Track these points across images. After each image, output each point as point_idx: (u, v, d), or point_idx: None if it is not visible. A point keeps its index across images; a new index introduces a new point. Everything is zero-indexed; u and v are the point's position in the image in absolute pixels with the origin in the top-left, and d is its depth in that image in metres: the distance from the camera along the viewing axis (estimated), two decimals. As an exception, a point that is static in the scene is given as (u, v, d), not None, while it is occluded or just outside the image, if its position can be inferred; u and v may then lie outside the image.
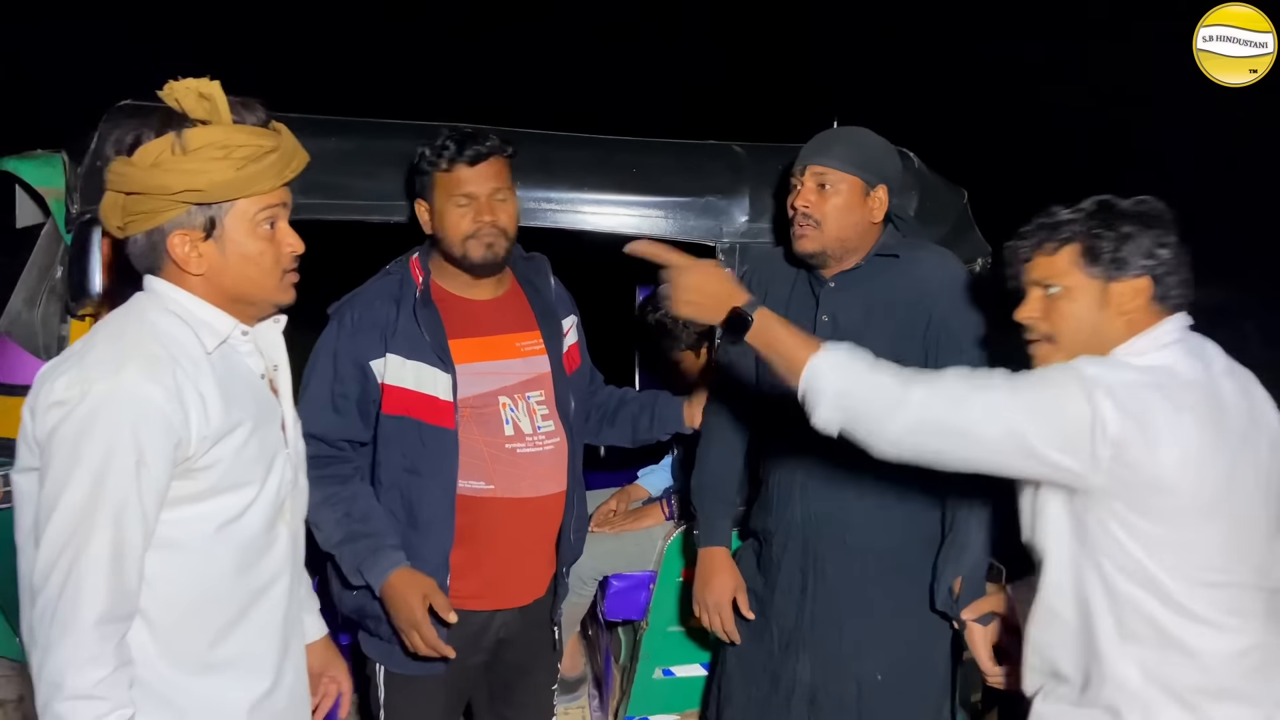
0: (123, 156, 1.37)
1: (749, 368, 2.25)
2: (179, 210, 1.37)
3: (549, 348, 2.14)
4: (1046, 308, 1.57)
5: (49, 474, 1.30)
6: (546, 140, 2.44)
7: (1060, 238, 1.55)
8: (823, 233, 2.02)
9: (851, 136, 2.09)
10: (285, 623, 1.55)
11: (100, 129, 2.17)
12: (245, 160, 1.38)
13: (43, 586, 1.29)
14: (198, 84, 1.36)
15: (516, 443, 2.07)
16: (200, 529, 1.40)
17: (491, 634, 2.12)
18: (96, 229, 2.09)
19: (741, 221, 2.40)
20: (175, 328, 1.41)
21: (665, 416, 2.35)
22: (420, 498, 2.00)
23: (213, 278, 1.42)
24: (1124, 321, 1.53)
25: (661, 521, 2.60)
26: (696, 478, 2.26)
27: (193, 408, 1.35)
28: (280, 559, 1.53)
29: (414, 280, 2.04)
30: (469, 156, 1.98)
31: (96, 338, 1.39)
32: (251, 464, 1.45)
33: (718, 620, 2.18)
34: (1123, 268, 1.51)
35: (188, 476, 1.37)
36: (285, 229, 1.47)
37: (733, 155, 2.47)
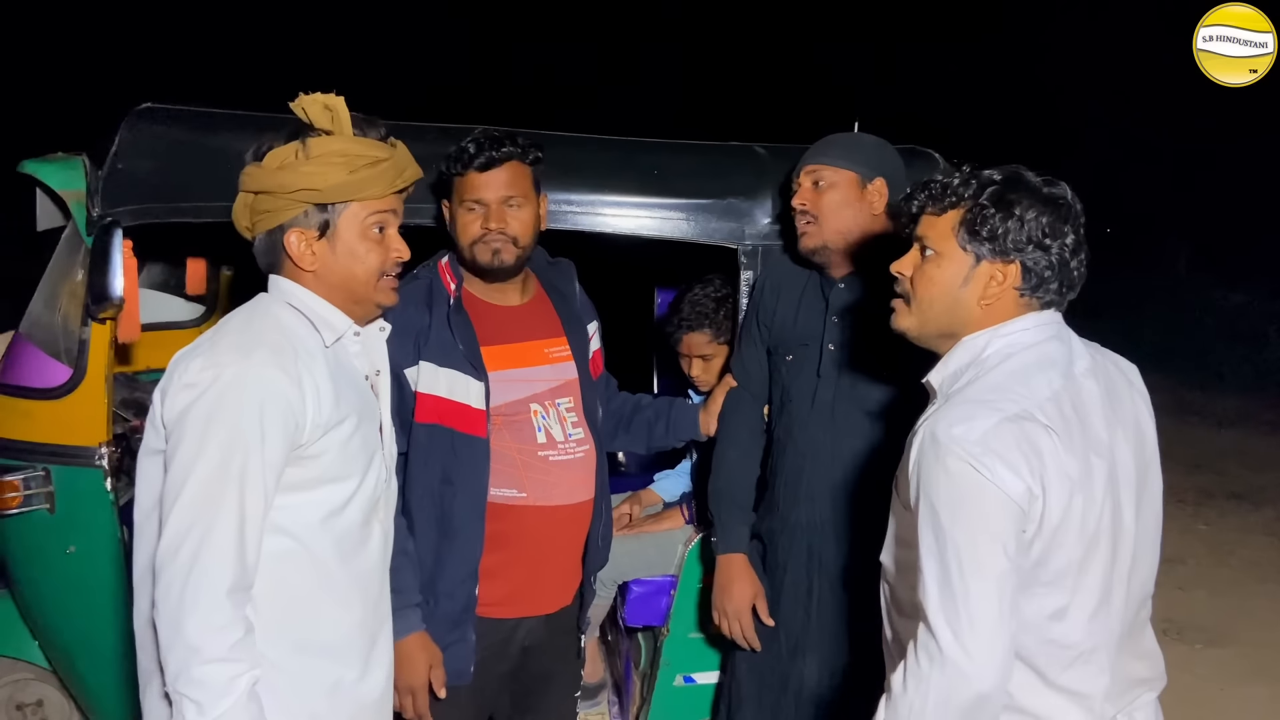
0: (255, 162, 1.53)
1: (763, 372, 2.24)
2: (297, 210, 1.52)
3: (575, 354, 2.14)
4: (918, 268, 1.51)
5: (179, 451, 1.39)
6: (567, 142, 2.43)
7: (948, 201, 1.47)
8: (821, 228, 2.06)
9: (845, 137, 2.14)
10: (376, 616, 1.65)
11: (121, 132, 2.18)
12: (360, 167, 1.51)
13: (171, 559, 1.37)
14: (324, 98, 1.52)
15: (549, 450, 2.06)
16: (306, 516, 1.50)
17: (517, 642, 2.11)
18: (118, 232, 2.09)
19: (764, 224, 2.37)
20: (296, 322, 1.53)
21: (680, 423, 2.34)
22: (451, 507, 1.98)
23: (323, 275, 1.55)
24: (980, 305, 1.45)
25: (681, 525, 2.57)
26: (713, 483, 2.26)
27: (310, 395, 1.46)
28: (375, 555, 1.63)
29: (444, 285, 2.03)
30: (480, 163, 1.98)
31: (227, 327, 1.51)
32: (354, 458, 1.55)
33: (738, 627, 2.17)
34: (996, 248, 1.43)
35: (299, 463, 1.47)
36: (394, 235, 1.61)
37: (755, 156, 2.45)
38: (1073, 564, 1.38)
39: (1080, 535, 1.37)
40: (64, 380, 2.21)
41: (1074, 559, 1.38)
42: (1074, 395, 1.41)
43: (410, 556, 1.96)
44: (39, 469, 2.21)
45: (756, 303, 2.27)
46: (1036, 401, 1.37)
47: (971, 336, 1.47)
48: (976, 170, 1.48)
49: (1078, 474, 1.36)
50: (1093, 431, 1.41)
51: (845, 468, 2.07)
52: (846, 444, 2.07)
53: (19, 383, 2.29)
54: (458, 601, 2.00)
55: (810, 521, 2.11)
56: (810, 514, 2.11)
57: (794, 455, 2.13)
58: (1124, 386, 1.52)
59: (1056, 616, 1.39)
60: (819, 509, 2.10)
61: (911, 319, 1.52)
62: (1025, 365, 1.42)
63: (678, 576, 2.48)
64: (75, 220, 2.20)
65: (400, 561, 1.93)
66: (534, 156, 2.03)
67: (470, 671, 2.02)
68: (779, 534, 2.17)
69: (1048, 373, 1.41)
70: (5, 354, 2.40)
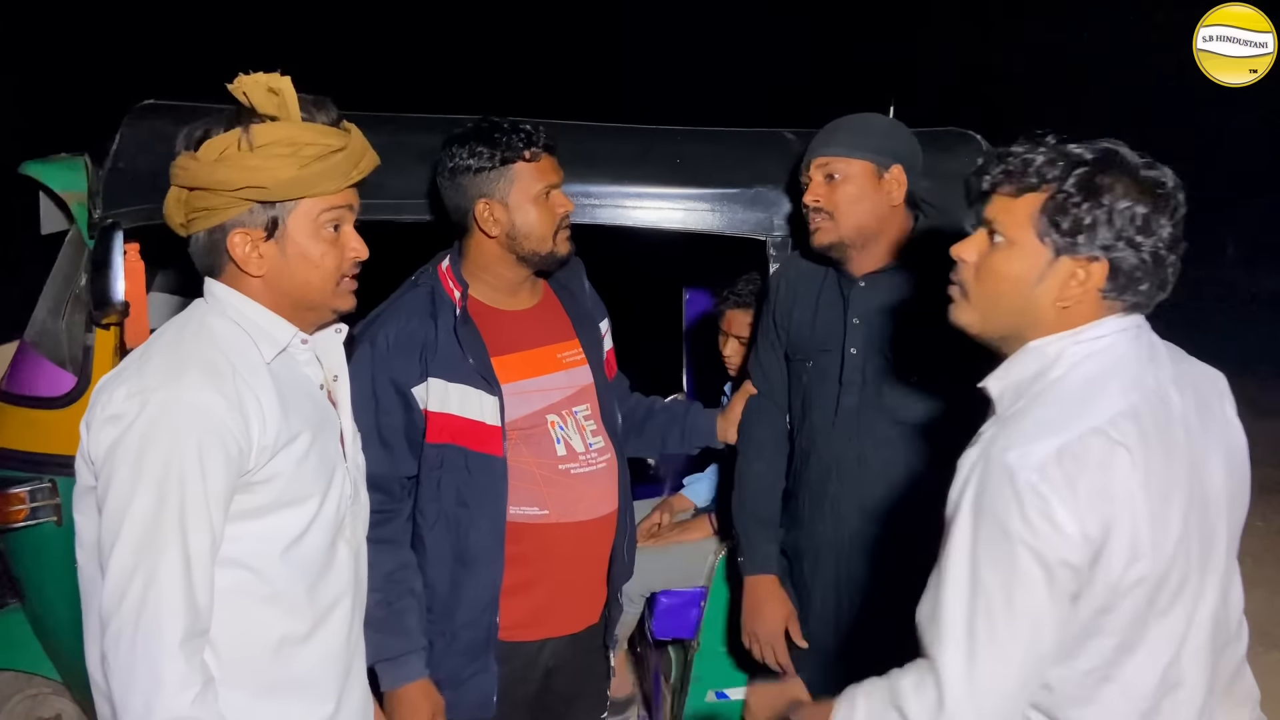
0: (189, 151, 1.34)
1: (784, 378, 2.11)
2: (241, 208, 1.34)
3: (589, 357, 2.01)
4: (983, 257, 1.29)
5: (111, 492, 1.25)
6: (585, 131, 2.31)
7: (1028, 181, 1.24)
8: (837, 224, 1.90)
9: (855, 121, 1.95)
10: (349, 645, 1.50)
11: (122, 130, 2.11)
12: (311, 159, 1.34)
13: (116, 609, 1.24)
14: (268, 78, 1.33)
15: (570, 463, 1.94)
16: (262, 545, 1.35)
17: (541, 665, 1.99)
18: (118, 234, 2.02)
19: (794, 213, 2.24)
20: (233, 334, 1.37)
21: (696, 430, 2.21)
22: (468, 531, 1.86)
23: (272, 280, 1.39)
24: (1056, 307, 1.24)
25: (710, 535, 2.46)
26: (737, 498, 2.11)
27: (253, 416, 1.31)
28: (343, 578, 1.48)
29: (447, 293, 1.88)
30: (547, 143, 1.85)
31: (154, 347, 1.35)
32: (313, 476, 1.40)
33: (770, 652, 2.04)
34: (1081, 243, 1.21)
35: (249, 490, 1.32)
36: (350, 233, 1.44)
37: (783, 143, 2.31)
38: (1144, 606, 1.20)
39: (1155, 571, 1.19)
40: (69, 389, 2.15)
41: (1146, 600, 1.19)
42: (1156, 409, 1.22)
43: (419, 597, 1.84)
44: (45, 480, 2.15)
45: (773, 304, 2.11)
46: (1109, 416, 1.18)
47: (1041, 342, 1.26)
48: (1064, 145, 1.25)
49: (1157, 500, 1.18)
50: (1177, 451, 1.22)
51: (873, 481, 1.93)
52: (873, 455, 1.93)
53: (24, 392, 2.23)
54: (479, 631, 1.88)
55: (838, 539, 1.97)
56: (837, 530, 1.96)
57: (818, 468, 1.99)
58: (1214, 398, 1.32)
59: (1123, 665, 1.21)
60: (846, 525, 1.95)
61: (972, 314, 1.31)
62: (1101, 374, 1.22)
63: (708, 588, 2.37)
64: (77, 223, 2.14)
65: (407, 603, 1.83)
66: None
67: (494, 703, 1.90)
68: (805, 551, 2.03)
69: (1125, 384, 1.22)
70: (11, 363, 2.34)
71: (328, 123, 1.37)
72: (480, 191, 1.86)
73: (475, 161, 1.84)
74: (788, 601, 2.05)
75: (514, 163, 1.84)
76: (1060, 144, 1.26)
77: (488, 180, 1.85)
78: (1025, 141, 1.27)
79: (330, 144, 1.36)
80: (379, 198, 2.12)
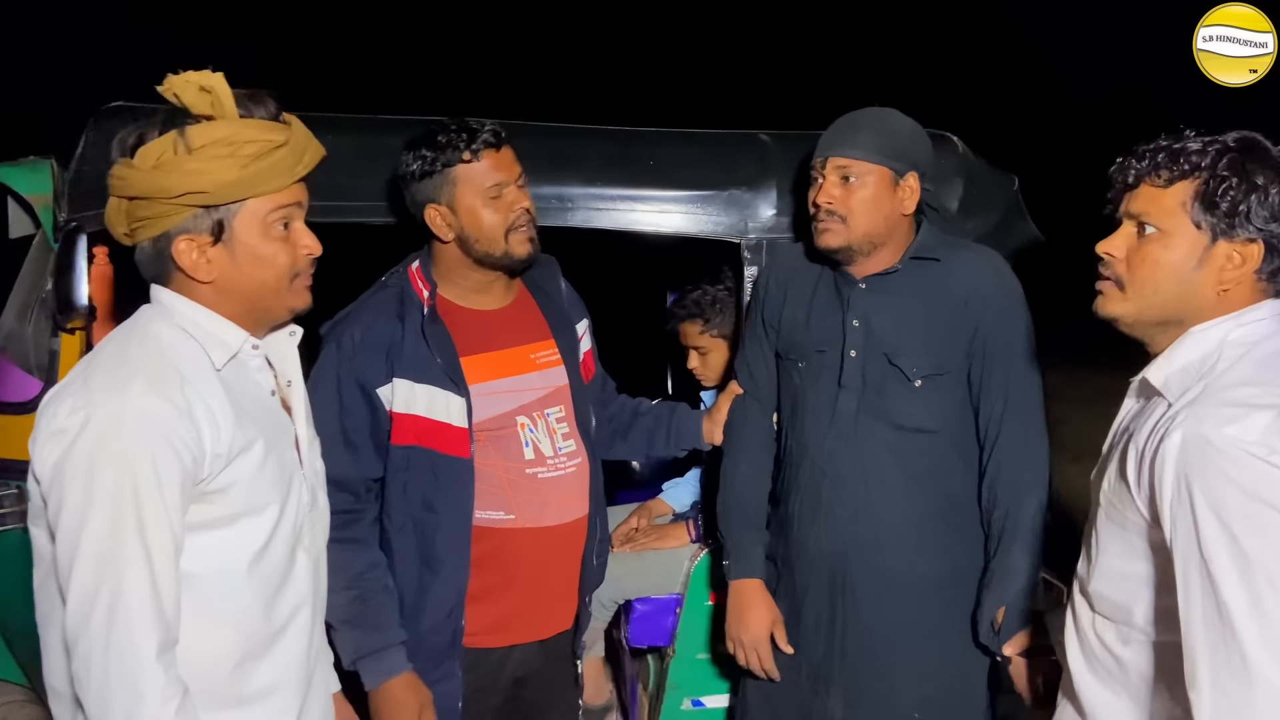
0: (125, 159, 1.29)
1: (772, 378, 2.07)
2: (184, 214, 1.30)
3: (565, 358, 1.98)
4: (1133, 249, 1.32)
5: (64, 511, 1.21)
6: (557, 133, 2.28)
7: (1179, 170, 1.27)
8: (849, 228, 1.84)
9: (876, 121, 1.89)
10: (309, 656, 1.46)
11: (87, 132, 2.08)
12: (252, 157, 1.29)
13: (82, 630, 1.21)
14: (199, 77, 1.28)
15: (537, 467, 1.90)
16: (221, 557, 1.32)
17: (508, 673, 1.96)
18: (82, 238, 2.01)
19: (769, 215, 2.21)
20: (181, 341, 1.32)
21: (683, 431, 2.17)
22: (434, 535, 1.83)
23: (224, 285, 1.34)
24: (1216, 291, 1.27)
25: (687, 541, 2.42)
26: (722, 501, 2.07)
27: (204, 424, 1.27)
28: (302, 588, 1.44)
29: (416, 293, 1.86)
30: (492, 139, 1.80)
31: (98, 358, 1.30)
32: (271, 485, 1.36)
33: (755, 657, 1.99)
34: (1237, 225, 1.24)
35: (204, 500, 1.29)
36: (301, 229, 1.39)
37: (758, 144, 2.28)
38: None
39: None
40: (36, 394, 2.12)
41: None
42: None
43: (391, 593, 1.81)
44: (12, 487, 2.12)
45: (761, 300, 2.07)
46: None
47: (1203, 327, 1.28)
48: (1207, 134, 1.29)
49: None
50: None
51: (870, 487, 1.89)
52: (871, 460, 1.89)
53: (-9, 397, 2.21)
54: (444, 636, 1.86)
55: (832, 545, 1.92)
56: (832, 538, 1.92)
57: (810, 472, 1.94)
58: None
59: None
60: (842, 533, 1.91)
61: (1127, 305, 1.33)
62: (1272, 355, 1.24)
63: (683, 595, 2.34)
64: (43, 227, 2.11)
65: (383, 599, 1.80)
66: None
67: (458, 709, 1.87)
68: (795, 559, 1.98)
69: None
70: (-22, 368, 2.32)
71: (266, 117, 1.33)
72: (427, 197, 1.83)
73: (419, 166, 1.81)
74: (774, 606, 2.01)
75: (454, 165, 1.80)
76: (1204, 134, 1.29)
77: (433, 185, 1.82)
78: (1167, 136, 1.31)
79: (271, 140, 1.31)
80: (350, 200, 2.11)
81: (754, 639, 1.99)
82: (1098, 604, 1.35)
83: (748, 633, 2.00)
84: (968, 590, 1.88)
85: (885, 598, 1.90)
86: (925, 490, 1.88)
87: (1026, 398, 1.86)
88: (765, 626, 1.99)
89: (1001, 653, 1.79)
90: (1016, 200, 2.33)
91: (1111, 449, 1.34)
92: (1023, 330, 1.86)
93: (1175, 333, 1.31)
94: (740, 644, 2.01)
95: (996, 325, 1.84)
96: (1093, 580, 1.35)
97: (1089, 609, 1.37)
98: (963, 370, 1.87)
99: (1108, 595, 1.33)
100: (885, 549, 1.89)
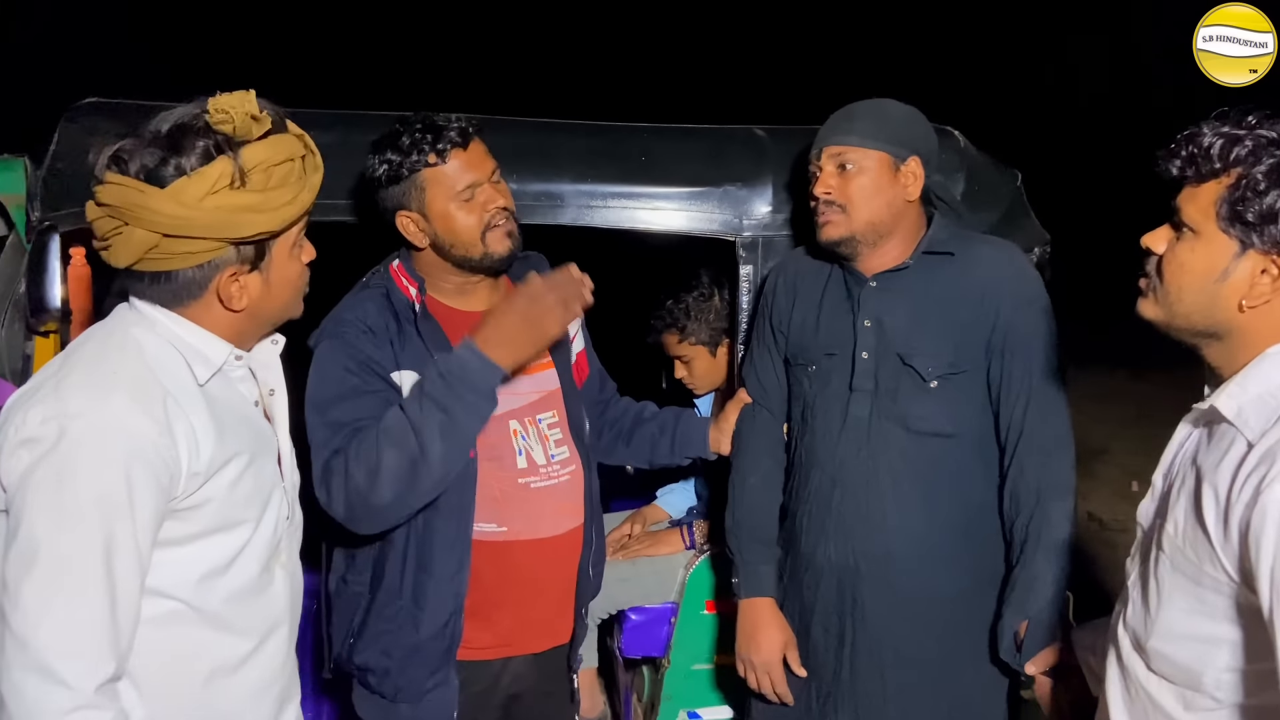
0: (153, 188, 1.18)
1: (781, 385, 1.99)
2: (228, 248, 1.23)
3: (556, 360, 1.90)
4: (1171, 247, 1.20)
5: (25, 519, 1.13)
6: (546, 129, 2.22)
7: (1208, 167, 1.14)
8: (850, 218, 1.77)
9: (871, 108, 1.83)
10: (285, 673, 1.41)
11: (60, 129, 2.03)
12: (295, 179, 1.25)
13: (20, 652, 1.12)
14: (247, 104, 1.20)
15: (530, 476, 1.82)
16: (190, 573, 1.25)
17: (503, 688, 1.88)
18: (55, 237, 1.94)
19: (764, 212, 2.15)
20: (165, 352, 1.25)
21: (688, 440, 2.09)
22: (433, 537, 1.75)
23: (252, 311, 1.29)
24: (1243, 307, 1.14)
25: (682, 548, 2.36)
26: (731, 516, 1.98)
27: (183, 441, 1.20)
28: (278, 606, 1.38)
29: (402, 292, 1.78)
30: (458, 138, 1.71)
31: (74, 360, 1.22)
32: (246, 502, 1.30)
33: (768, 681, 1.91)
34: (1269, 234, 1.11)
35: (177, 517, 1.22)
36: (306, 241, 1.35)
37: (753, 139, 2.22)
38: None
39: None
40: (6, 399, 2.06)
41: None
42: None
43: None
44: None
45: (768, 304, 1.99)
46: None
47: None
48: (1251, 124, 1.15)
49: None
50: None
51: (884, 496, 1.80)
52: (885, 468, 1.80)
53: (-37, 402, 2.14)
54: (441, 642, 1.77)
55: (842, 559, 1.83)
56: (842, 550, 1.83)
57: (821, 482, 1.85)
58: None
59: None
60: (853, 544, 1.82)
61: (1157, 310, 1.22)
62: None
63: (678, 604, 2.28)
64: (16, 227, 2.05)
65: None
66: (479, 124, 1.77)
67: (454, 717, 1.80)
68: (803, 573, 1.90)
69: None
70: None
71: (281, 130, 1.27)
72: (396, 203, 1.75)
73: (385, 171, 1.73)
74: (786, 627, 1.92)
75: (420, 170, 1.72)
76: (1246, 123, 1.15)
77: (401, 192, 1.74)
78: (1213, 121, 1.17)
79: (297, 152, 1.27)
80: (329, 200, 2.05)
81: (765, 661, 1.91)
82: (1156, 663, 1.22)
83: (759, 655, 1.91)
84: (987, 606, 1.80)
85: (898, 614, 1.81)
86: (943, 499, 1.80)
87: (1049, 397, 1.76)
88: (777, 648, 1.90)
89: (1024, 671, 1.71)
90: (1019, 196, 2.26)
91: (1172, 486, 1.21)
92: (1044, 325, 1.78)
93: (1223, 347, 1.19)
94: (751, 666, 1.93)
95: (1016, 319, 1.76)
96: (1152, 637, 1.22)
97: (1143, 665, 1.25)
98: (981, 368, 1.78)
99: (1170, 656, 1.20)
100: (899, 563, 1.80)
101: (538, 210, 2.09)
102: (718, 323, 2.38)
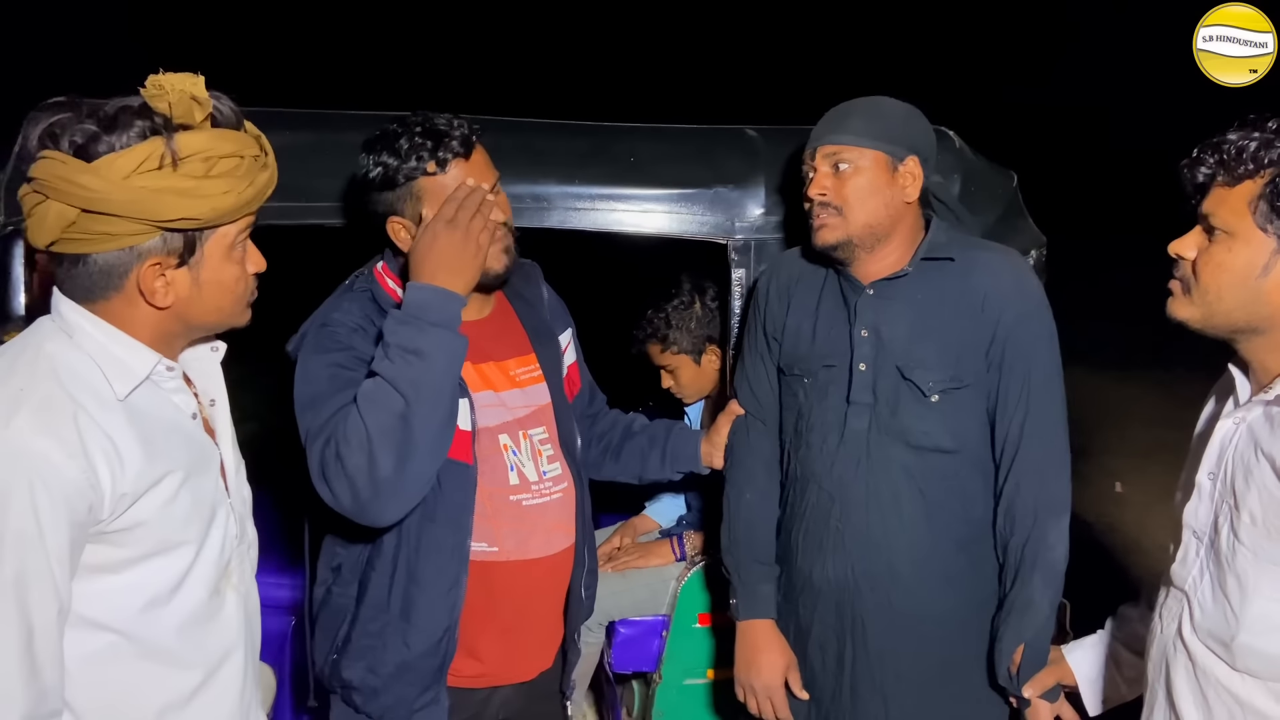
0: (78, 161, 1.11)
1: (774, 396, 1.92)
2: (155, 233, 1.15)
3: (548, 374, 1.82)
4: (1203, 250, 1.26)
5: None
6: (532, 129, 2.15)
7: (1243, 169, 1.22)
8: (846, 220, 1.70)
9: (867, 106, 1.75)
10: (241, 702, 1.32)
11: (25, 130, 1.93)
12: (239, 176, 1.17)
13: None
14: (190, 84, 1.13)
15: (522, 493, 1.74)
16: (128, 603, 1.17)
17: (490, 715, 1.79)
18: (18, 242, 1.88)
19: (756, 214, 2.10)
20: (80, 364, 1.16)
21: (679, 454, 2.01)
22: (429, 549, 1.66)
23: (176, 310, 1.20)
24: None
25: (672, 560, 2.30)
26: (727, 534, 1.91)
27: (101, 463, 1.11)
28: (230, 631, 1.30)
29: (388, 294, 1.70)
30: (460, 148, 1.61)
31: None
32: (185, 522, 1.22)
33: (769, 706, 1.84)
34: None
35: (103, 541, 1.14)
36: (252, 246, 1.27)
37: (745, 140, 2.16)
38: None
39: None
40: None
41: None
42: None
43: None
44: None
45: (762, 312, 1.91)
46: None
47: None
48: (1276, 129, 1.22)
49: None
50: None
51: (884, 513, 1.73)
52: (885, 485, 1.73)
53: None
54: (433, 659, 1.69)
55: (841, 577, 1.76)
56: (840, 568, 1.76)
57: (818, 497, 1.78)
58: None
59: None
60: (852, 562, 1.75)
61: (1193, 309, 1.28)
62: None
63: (670, 617, 2.22)
64: (-20, 231, 1.97)
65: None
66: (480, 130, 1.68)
67: None
68: (799, 592, 1.83)
69: None
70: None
71: (232, 123, 1.19)
72: (388, 208, 1.66)
73: (379, 174, 1.63)
74: (787, 649, 1.85)
75: (417, 178, 1.62)
76: (1273, 127, 1.22)
77: (395, 197, 1.65)
78: (1239, 127, 1.24)
79: (248, 153, 1.19)
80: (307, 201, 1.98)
81: (766, 686, 1.84)
82: (1244, 660, 1.23)
83: (759, 679, 1.84)
84: (986, 625, 1.74)
85: (899, 635, 1.75)
86: (944, 517, 1.73)
87: (1047, 412, 1.70)
88: (779, 672, 1.84)
89: (1020, 694, 1.66)
90: (1016, 197, 2.22)
91: (1232, 483, 1.24)
92: (1044, 337, 1.71)
93: (1265, 340, 1.23)
94: (751, 691, 1.86)
95: (1015, 330, 1.69)
96: (1241, 633, 1.23)
97: (1226, 667, 1.25)
98: (983, 382, 1.71)
99: (1263, 650, 1.22)
100: (900, 582, 1.74)
101: (524, 213, 2.02)
102: (700, 330, 2.33)
